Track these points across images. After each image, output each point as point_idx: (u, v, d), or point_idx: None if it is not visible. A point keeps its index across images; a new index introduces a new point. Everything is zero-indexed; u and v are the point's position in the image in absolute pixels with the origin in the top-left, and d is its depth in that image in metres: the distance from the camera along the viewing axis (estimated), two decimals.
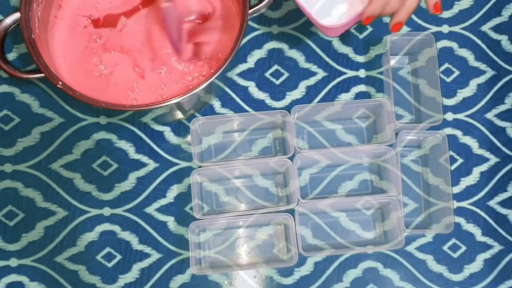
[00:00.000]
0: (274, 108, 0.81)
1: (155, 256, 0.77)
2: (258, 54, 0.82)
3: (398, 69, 0.82)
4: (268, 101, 0.81)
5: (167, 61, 0.74)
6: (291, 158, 0.75)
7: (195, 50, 0.74)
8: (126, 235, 0.77)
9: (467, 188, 0.80)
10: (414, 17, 0.83)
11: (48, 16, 0.72)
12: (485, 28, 0.83)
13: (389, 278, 0.77)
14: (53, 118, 0.80)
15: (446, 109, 0.81)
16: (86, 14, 0.75)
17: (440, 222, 0.76)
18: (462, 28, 0.83)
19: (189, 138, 0.79)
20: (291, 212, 0.74)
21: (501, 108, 0.82)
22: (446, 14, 0.84)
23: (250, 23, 0.82)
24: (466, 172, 0.80)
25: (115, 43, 0.74)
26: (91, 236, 0.77)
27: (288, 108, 0.80)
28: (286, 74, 0.82)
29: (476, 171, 0.80)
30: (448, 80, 0.82)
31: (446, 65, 0.82)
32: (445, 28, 0.83)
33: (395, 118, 0.75)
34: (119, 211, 0.78)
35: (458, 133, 0.81)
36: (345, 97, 0.81)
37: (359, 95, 0.81)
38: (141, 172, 0.79)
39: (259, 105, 0.81)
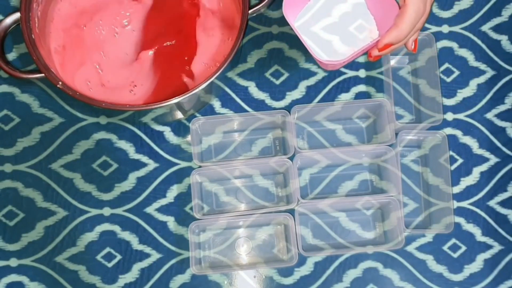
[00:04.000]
0: (274, 108, 0.81)
1: (155, 256, 0.77)
2: (258, 54, 0.82)
3: (398, 69, 0.82)
4: (268, 101, 0.81)
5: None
6: (291, 158, 0.75)
7: None
8: (126, 235, 0.77)
9: (467, 188, 0.80)
10: None
11: (48, 16, 0.72)
12: (485, 28, 0.83)
13: (389, 278, 0.77)
14: (53, 118, 0.80)
15: (446, 109, 0.81)
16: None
17: (440, 222, 0.76)
18: (462, 28, 0.83)
19: (189, 138, 0.79)
20: (291, 212, 0.74)
21: (501, 108, 0.82)
22: (446, 14, 0.84)
23: (250, 23, 0.82)
24: (466, 172, 0.80)
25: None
26: (91, 236, 0.77)
27: (288, 108, 0.80)
28: (286, 74, 0.82)
29: (476, 171, 0.80)
30: (448, 80, 0.82)
31: (446, 65, 0.82)
32: (445, 28, 0.83)
33: (395, 118, 0.75)
34: (119, 211, 0.78)
35: (458, 133, 0.81)
36: (345, 97, 0.81)
37: (359, 95, 0.81)
38: (141, 172, 0.79)
39: (259, 105, 0.81)
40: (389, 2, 0.60)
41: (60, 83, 0.65)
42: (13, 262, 0.77)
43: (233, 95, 0.81)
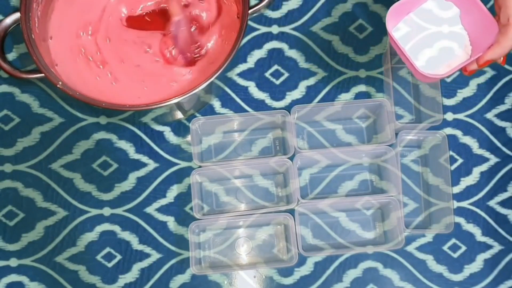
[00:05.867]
0: (274, 108, 0.81)
1: (155, 256, 0.77)
2: (258, 54, 0.82)
3: (398, 69, 0.82)
4: (268, 101, 0.81)
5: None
6: (291, 158, 0.75)
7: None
8: (126, 235, 0.77)
9: (467, 188, 0.80)
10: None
11: (48, 16, 0.72)
12: None
13: (389, 278, 0.77)
14: (53, 118, 0.80)
15: (446, 109, 0.81)
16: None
17: (440, 222, 0.76)
18: None
19: (189, 138, 0.79)
20: (291, 212, 0.74)
21: (501, 108, 0.82)
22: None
23: (250, 23, 0.82)
24: (466, 172, 0.80)
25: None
26: (91, 236, 0.77)
27: (288, 108, 0.80)
28: (286, 74, 0.82)
29: (476, 171, 0.80)
30: (448, 80, 0.82)
31: None
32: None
33: (395, 118, 0.75)
34: (119, 211, 0.78)
35: (458, 133, 0.81)
36: (345, 97, 0.81)
37: (359, 95, 0.81)
38: (141, 172, 0.79)
39: (259, 105, 0.81)
40: (487, 19, 0.61)
41: (60, 83, 0.65)
42: (13, 262, 0.77)
43: (233, 95, 0.81)
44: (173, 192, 0.78)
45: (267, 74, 0.82)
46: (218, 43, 0.74)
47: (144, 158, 0.79)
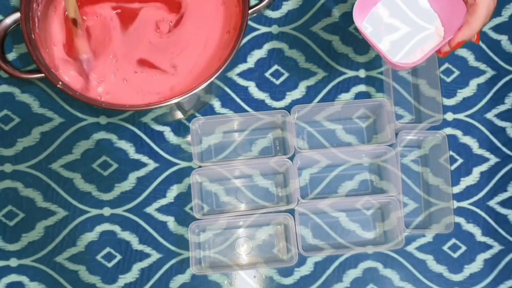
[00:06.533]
0: (274, 108, 0.81)
1: (155, 256, 0.77)
2: (258, 54, 0.82)
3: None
4: (268, 101, 0.81)
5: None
6: (291, 158, 0.75)
7: None
8: (126, 235, 0.77)
9: (467, 188, 0.80)
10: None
11: (48, 16, 0.72)
12: (485, 28, 0.83)
13: (389, 278, 0.77)
14: (53, 118, 0.80)
15: (446, 109, 0.81)
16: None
17: (440, 222, 0.76)
18: None
19: (189, 138, 0.79)
20: (291, 212, 0.74)
21: (501, 108, 0.82)
22: None
23: (250, 23, 0.82)
24: (466, 172, 0.80)
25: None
26: (91, 236, 0.77)
27: (288, 108, 0.80)
28: (286, 74, 0.82)
29: (476, 171, 0.80)
30: (448, 80, 0.82)
31: (446, 65, 0.82)
32: None
33: (395, 118, 0.75)
34: (119, 211, 0.78)
35: (458, 133, 0.81)
36: (345, 97, 0.81)
37: (359, 95, 0.81)
38: (141, 172, 0.79)
39: (259, 105, 0.81)
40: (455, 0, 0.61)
41: (60, 83, 0.65)
42: (13, 262, 0.77)
43: (233, 95, 0.81)
44: (173, 192, 0.78)
45: (267, 74, 0.82)
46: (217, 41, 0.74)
47: (144, 158, 0.79)
